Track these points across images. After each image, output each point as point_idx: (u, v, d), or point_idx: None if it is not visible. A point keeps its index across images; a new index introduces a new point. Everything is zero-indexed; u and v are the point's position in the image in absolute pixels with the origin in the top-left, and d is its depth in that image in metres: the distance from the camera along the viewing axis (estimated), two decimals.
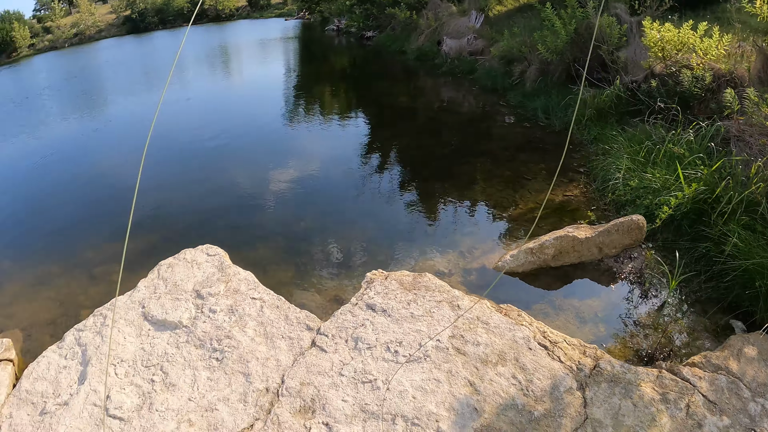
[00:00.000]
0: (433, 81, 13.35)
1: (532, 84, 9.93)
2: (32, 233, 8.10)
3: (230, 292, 4.45)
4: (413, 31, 17.18)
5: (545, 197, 5.69)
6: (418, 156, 8.41)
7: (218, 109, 14.19)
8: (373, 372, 3.30)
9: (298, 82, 16.63)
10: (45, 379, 4.00)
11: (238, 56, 25.48)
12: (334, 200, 7.25)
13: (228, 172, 8.92)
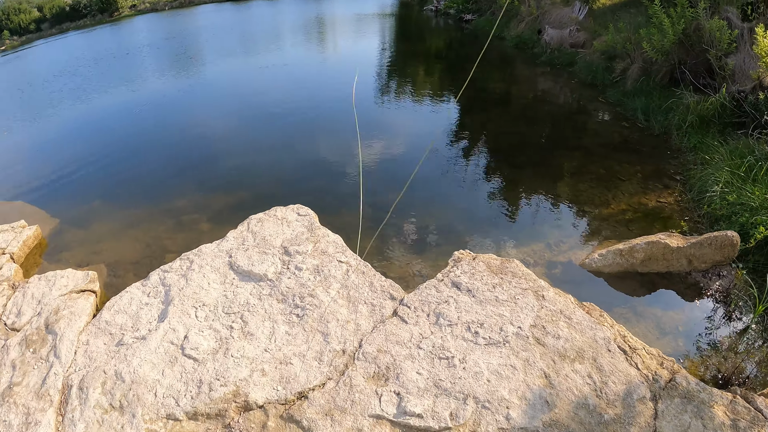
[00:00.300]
0: (531, 70, 12.94)
1: (633, 83, 9.43)
2: (125, 178, 8.64)
3: (318, 252, 4.54)
4: (513, 18, 16.68)
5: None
6: (510, 143, 8.24)
7: (311, 77, 14.41)
8: (451, 349, 3.28)
9: (392, 59, 16.59)
10: (126, 312, 4.23)
11: (334, 28, 25.74)
12: (421, 177, 7.23)
13: (317, 139, 9.11)
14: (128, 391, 3.46)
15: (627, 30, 9.96)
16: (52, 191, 8.62)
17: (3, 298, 4.96)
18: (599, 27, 11.99)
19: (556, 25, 13.66)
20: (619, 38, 10.04)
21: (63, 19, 63.82)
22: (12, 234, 6.46)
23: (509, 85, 11.96)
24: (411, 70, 14.83)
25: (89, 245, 6.52)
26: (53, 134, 12.64)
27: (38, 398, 3.58)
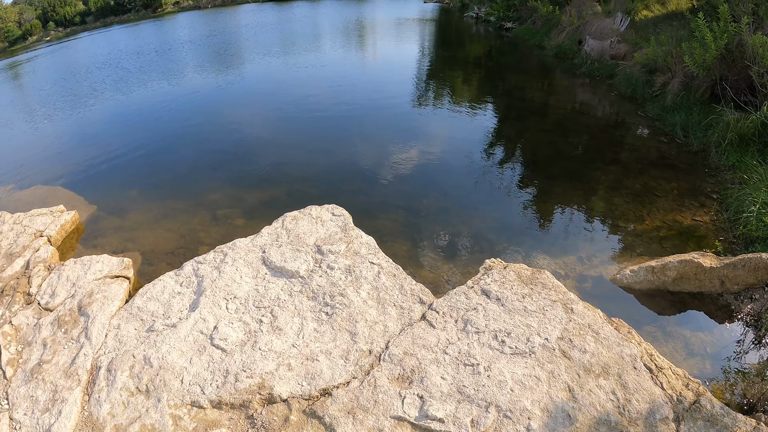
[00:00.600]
0: (570, 81, 12.80)
1: (673, 97, 9.23)
2: (162, 169, 8.86)
3: (350, 253, 4.59)
4: (554, 27, 16.52)
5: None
6: (546, 154, 8.16)
7: (349, 79, 14.53)
8: (476, 356, 3.28)
9: (431, 65, 16.60)
10: (158, 300, 4.34)
11: (374, 32, 25.88)
12: (456, 184, 7.25)
13: (353, 141, 9.18)
14: (155, 376, 3.55)
15: (669, 43, 9.77)
16: (90, 178, 8.87)
17: (38, 278, 5.15)
18: (640, 39, 11.81)
19: (597, 35, 13.49)
20: (661, 51, 9.85)
21: (107, 13, 65.68)
22: (50, 218, 6.67)
23: (547, 95, 11.85)
24: (450, 76, 14.82)
25: (125, 233, 6.70)
26: (94, 123, 13.01)
27: (66, 377, 3.70)
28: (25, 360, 3.98)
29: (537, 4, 18.00)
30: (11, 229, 6.41)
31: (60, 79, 22.33)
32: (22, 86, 23.71)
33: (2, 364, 3.98)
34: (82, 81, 20.09)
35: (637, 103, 10.10)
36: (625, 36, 12.60)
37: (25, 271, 5.40)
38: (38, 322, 4.42)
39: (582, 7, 15.45)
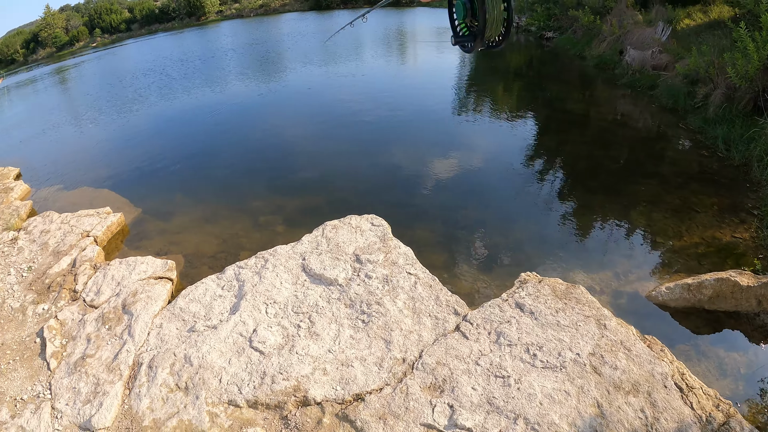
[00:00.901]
0: (611, 92, 12.64)
1: (715, 109, 9.00)
2: (206, 174, 9.11)
3: (388, 263, 4.68)
4: (595, 37, 16.31)
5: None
6: (585, 167, 8.10)
7: (389, 89, 14.66)
8: (507, 368, 3.32)
9: (471, 74, 16.64)
10: (200, 302, 4.51)
11: (415, 41, 26.01)
12: (495, 196, 7.27)
13: (394, 150, 9.26)
14: (195, 374, 3.69)
15: (711, 53, 9.56)
16: (136, 182, 9.20)
17: (84, 276, 5.39)
18: (682, 49, 11.57)
19: (638, 45, 13.28)
20: (702, 62, 9.64)
21: (152, 21, 67.74)
22: (97, 219, 6.96)
23: (588, 106, 11.74)
24: (491, 86, 14.83)
25: (168, 236, 6.93)
26: (139, 128, 13.46)
27: (109, 371, 3.88)
28: (69, 353, 4.19)
29: (578, 13, 17.82)
30: (59, 228, 6.73)
31: (106, 84, 23.14)
32: (70, 91, 24.66)
33: (47, 356, 4.20)
34: (127, 87, 20.77)
35: (678, 115, 9.89)
36: (666, 46, 12.36)
37: (71, 269, 5.66)
38: (83, 318, 4.64)
39: (623, 17, 15.23)
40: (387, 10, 50.28)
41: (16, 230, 7.07)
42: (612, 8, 16.32)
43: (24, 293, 5.31)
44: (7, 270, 5.84)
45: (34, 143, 13.70)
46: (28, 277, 5.62)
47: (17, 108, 21.91)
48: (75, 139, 13.47)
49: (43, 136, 14.45)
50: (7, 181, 9.59)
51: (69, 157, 11.64)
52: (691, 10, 13.85)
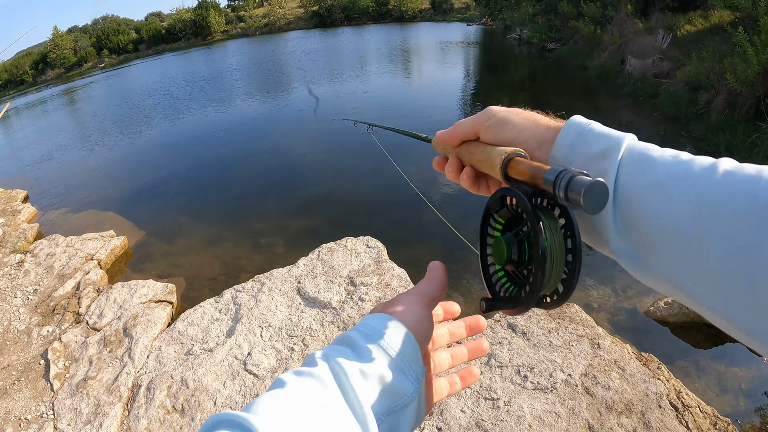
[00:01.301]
0: (613, 102, 12.61)
1: (717, 116, 8.93)
2: (210, 196, 9.19)
3: (382, 285, 4.70)
4: (596, 47, 16.32)
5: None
6: None
7: (392, 104, 14.79)
8: (497, 390, 3.30)
9: (476, 88, 16.64)
10: (197, 325, 4.56)
11: (419, 56, 26.16)
12: None
13: (398, 168, 9.29)
14: (191, 396, 3.74)
15: (711, 59, 9.51)
16: (141, 204, 9.30)
17: (87, 299, 5.48)
18: (683, 56, 11.53)
19: (639, 54, 13.27)
20: (703, 68, 9.59)
21: (159, 41, 69.01)
22: (101, 242, 7.04)
23: (588, 117, 11.69)
24: (494, 98, 14.80)
25: (171, 258, 6.99)
26: (145, 149, 13.62)
27: (109, 393, 3.94)
28: (72, 375, 4.27)
29: (578, 24, 17.85)
30: (64, 251, 6.82)
31: (113, 105, 23.46)
32: (78, 112, 25.04)
33: (50, 378, 4.29)
34: (133, 108, 21.06)
35: (681, 123, 9.83)
36: (667, 53, 12.35)
37: (75, 292, 5.76)
38: (86, 341, 4.72)
39: (623, 26, 15.24)
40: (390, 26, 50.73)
41: (23, 253, 7.18)
42: (612, 18, 16.32)
43: (30, 315, 5.42)
44: (14, 293, 5.95)
45: (42, 165, 13.91)
46: (34, 300, 5.73)
47: (27, 129, 22.28)
48: (82, 160, 13.66)
49: (51, 157, 14.67)
50: (15, 203, 9.73)
51: (76, 179, 11.80)
52: (691, 15, 13.81)
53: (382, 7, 63.18)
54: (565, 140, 0.63)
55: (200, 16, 67.75)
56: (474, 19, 46.46)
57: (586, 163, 0.60)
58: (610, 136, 0.61)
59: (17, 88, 63.03)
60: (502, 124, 0.70)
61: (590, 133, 0.62)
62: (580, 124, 0.64)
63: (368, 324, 0.61)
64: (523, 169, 0.61)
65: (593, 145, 0.61)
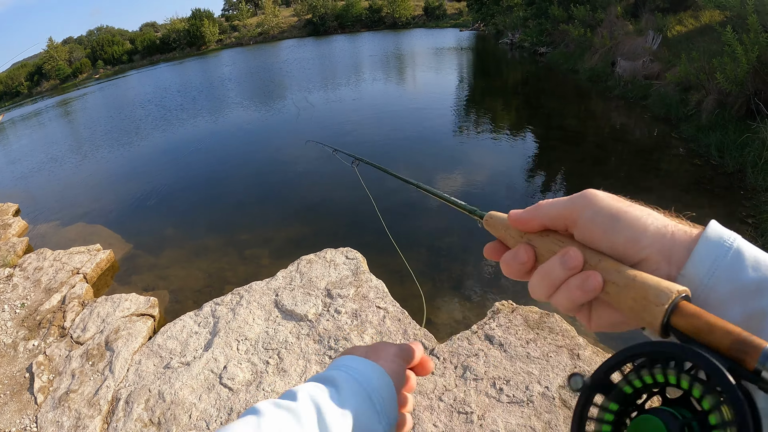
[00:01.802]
0: (604, 104, 12.60)
1: (708, 116, 8.87)
2: (198, 207, 9.16)
3: (359, 297, 4.65)
4: (587, 50, 16.34)
5: None
6: (577, 186, 7.93)
7: (388, 110, 14.78)
8: (471, 404, 3.24)
9: (469, 93, 16.64)
10: (176, 339, 4.55)
11: (412, 62, 26.21)
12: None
13: (388, 177, 9.23)
14: (167, 410, 3.73)
15: (700, 59, 9.48)
16: (129, 216, 9.28)
17: (72, 313, 5.48)
18: (673, 56, 11.50)
19: (629, 56, 13.27)
20: (692, 68, 9.55)
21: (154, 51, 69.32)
22: (87, 256, 7.01)
23: (580, 121, 11.67)
24: (487, 104, 14.84)
25: (157, 271, 6.94)
26: (135, 161, 13.63)
27: (89, 406, 3.96)
28: (55, 388, 4.31)
29: (568, 27, 17.88)
30: (51, 265, 6.82)
31: (107, 116, 23.52)
32: (72, 123, 25.10)
33: (35, 391, 4.33)
34: (126, 119, 21.13)
35: (671, 124, 9.79)
36: (657, 54, 12.34)
37: (61, 306, 5.75)
38: (69, 354, 4.73)
39: (613, 28, 15.26)
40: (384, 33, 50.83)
41: (12, 267, 7.18)
42: (602, 20, 16.35)
43: (16, 329, 5.45)
44: (2, 306, 5.98)
45: (34, 178, 13.92)
46: (21, 314, 5.75)
47: (21, 141, 22.33)
48: (74, 173, 13.66)
49: (43, 170, 14.68)
50: (6, 217, 9.74)
51: (67, 192, 11.79)
52: (682, 16, 13.80)
53: (375, 15, 63.55)
54: (704, 257, 0.48)
55: (194, 26, 68.11)
56: (467, 24, 46.76)
57: (732, 295, 0.46)
58: (767, 263, 0.46)
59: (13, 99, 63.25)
60: (614, 220, 0.53)
61: (738, 255, 0.47)
62: (721, 237, 0.48)
63: (355, 368, 0.63)
64: (712, 326, 0.43)
65: (744, 271, 0.46)
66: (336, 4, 66.82)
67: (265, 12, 69.45)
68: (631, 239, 0.51)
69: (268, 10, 68.89)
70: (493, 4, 33.58)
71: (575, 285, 0.52)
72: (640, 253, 0.51)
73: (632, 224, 0.52)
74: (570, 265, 0.53)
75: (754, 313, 0.44)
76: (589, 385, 0.49)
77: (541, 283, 0.56)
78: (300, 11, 70.05)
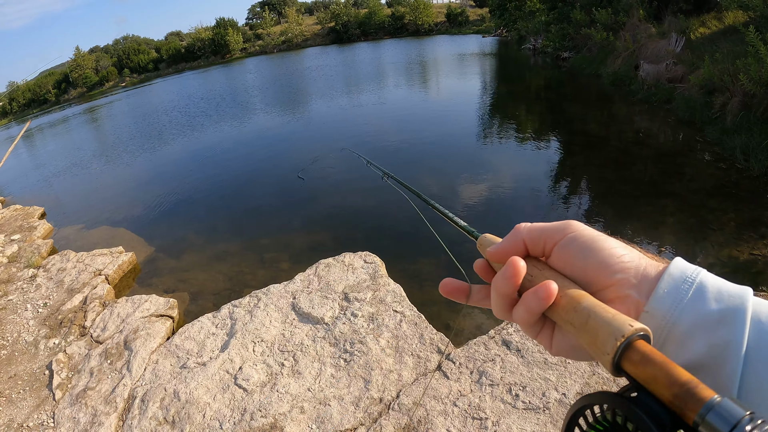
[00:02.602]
0: (628, 108, 12.40)
1: (733, 118, 8.64)
2: (220, 212, 9.25)
3: (375, 301, 4.64)
4: (610, 54, 16.13)
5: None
6: (601, 191, 7.83)
7: (412, 116, 14.80)
8: (486, 410, 3.18)
9: (493, 99, 16.53)
10: (194, 339, 4.59)
11: (436, 69, 26.19)
12: (504, 226, 7.05)
13: (413, 179, 9.21)
14: (181, 409, 3.76)
15: (724, 61, 9.26)
16: (152, 220, 9.41)
17: (93, 313, 5.60)
18: (697, 59, 11.28)
19: (652, 59, 13.06)
20: (716, 70, 9.35)
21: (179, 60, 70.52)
22: (110, 258, 7.14)
23: (603, 126, 11.49)
24: (511, 109, 14.72)
25: (178, 273, 7.02)
26: (159, 166, 13.83)
27: (106, 403, 4.04)
28: (73, 385, 4.40)
29: (591, 31, 17.68)
30: (74, 266, 7.00)
31: (132, 123, 23.97)
32: (98, 129, 25.65)
33: (53, 387, 4.43)
34: (151, 125, 21.50)
35: (696, 127, 9.59)
36: (681, 57, 12.11)
37: (82, 306, 5.89)
38: (88, 353, 4.84)
39: (636, 31, 15.04)
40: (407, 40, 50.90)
41: (36, 267, 7.38)
42: (625, 23, 16.13)
43: (38, 328, 5.60)
44: (25, 306, 6.16)
45: (60, 182, 14.26)
46: (43, 313, 5.90)
47: (48, 147, 22.88)
48: (98, 178, 13.94)
49: (69, 175, 15.02)
50: (32, 220, 9.98)
51: (91, 196, 12.03)
52: (705, 17, 13.55)
53: (398, 22, 63.68)
54: (667, 292, 0.49)
55: (219, 35, 69.14)
56: (489, 30, 46.60)
57: (695, 327, 0.46)
58: (730, 293, 0.47)
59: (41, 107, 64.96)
60: (589, 246, 0.54)
61: (701, 288, 0.48)
62: (684, 273, 0.49)
63: None
64: (657, 374, 0.42)
65: (707, 303, 0.47)
66: (359, 12, 67.21)
67: (289, 20, 70.20)
68: (602, 263, 0.52)
69: (292, 19, 69.63)
70: (515, 10, 33.42)
71: (530, 294, 0.52)
72: (611, 277, 0.52)
73: (606, 251, 0.53)
74: (507, 275, 0.55)
75: (717, 343, 0.45)
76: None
77: (497, 298, 0.57)
78: (323, 19, 70.66)
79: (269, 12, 78.17)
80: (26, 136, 28.31)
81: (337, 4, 67.25)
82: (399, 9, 64.05)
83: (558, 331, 0.55)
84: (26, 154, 22.27)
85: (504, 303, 0.57)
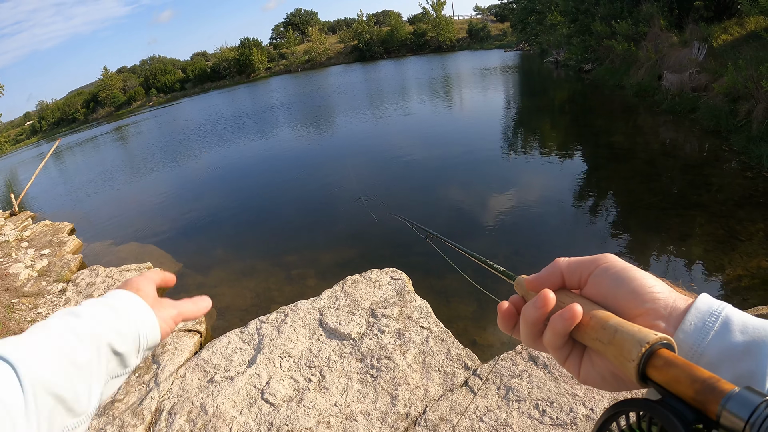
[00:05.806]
0: (652, 119, 12.26)
1: (758, 126, 8.48)
2: (247, 229, 9.38)
3: (402, 317, 4.66)
4: (632, 64, 15.99)
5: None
6: (627, 203, 7.72)
7: (437, 131, 14.88)
8: (513, 426, 3.16)
9: (517, 113, 16.55)
10: (221, 354, 4.66)
11: (459, 84, 26.27)
12: (528, 242, 7.05)
13: (440, 194, 9.27)
14: (208, 422, 3.80)
15: (747, 67, 9.11)
16: (180, 236, 9.58)
17: None
18: (720, 67, 11.11)
19: (675, 68, 12.92)
20: (740, 77, 9.20)
21: (204, 80, 71.93)
22: (137, 273, 7.25)
23: (627, 138, 11.36)
24: (535, 123, 14.69)
25: (205, 289, 7.10)
26: (186, 184, 14.11)
27: (133, 415, 4.09)
28: None
29: (612, 42, 17.58)
30: (103, 281, 7.15)
31: (159, 141, 24.48)
32: (126, 147, 26.25)
33: None
34: (178, 143, 21.94)
35: (721, 136, 9.44)
36: (704, 65, 11.96)
37: None
38: None
39: (658, 40, 14.91)
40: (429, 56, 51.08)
41: (65, 282, 7.56)
42: (646, 33, 16.00)
43: None
44: None
45: (89, 199, 14.65)
46: None
47: (77, 165, 23.48)
48: (126, 195, 14.27)
49: (98, 192, 15.41)
50: (62, 235, 10.25)
51: (119, 212, 12.31)
52: (726, 24, 13.36)
53: (420, 39, 64.09)
54: (694, 326, 0.51)
55: (243, 55, 70.45)
56: (511, 45, 46.65)
57: (721, 358, 0.48)
58: (755, 326, 0.49)
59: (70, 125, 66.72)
60: (621, 276, 0.57)
61: (726, 321, 0.50)
62: (711, 307, 0.51)
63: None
64: (680, 375, 0.44)
65: (732, 335, 0.49)
66: (381, 30, 67.89)
67: (312, 39, 71.21)
68: (633, 293, 0.55)
69: (315, 38, 70.65)
70: (536, 23, 33.42)
71: (556, 316, 0.55)
72: (641, 306, 0.54)
73: (637, 281, 0.56)
74: (538, 305, 0.58)
75: (742, 373, 0.46)
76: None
77: (525, 327, 0.60)
78: (346, 38, 71.54)
79: (293, 31, 79.47)
80: (56, 154, 29.09)
81: (360, 22, 67.98)
82: (421, 26, 64.52)
83: (586, 358, 0.58)
84: (56, 171, 22.89)
85: (532, 332, 0.60)
